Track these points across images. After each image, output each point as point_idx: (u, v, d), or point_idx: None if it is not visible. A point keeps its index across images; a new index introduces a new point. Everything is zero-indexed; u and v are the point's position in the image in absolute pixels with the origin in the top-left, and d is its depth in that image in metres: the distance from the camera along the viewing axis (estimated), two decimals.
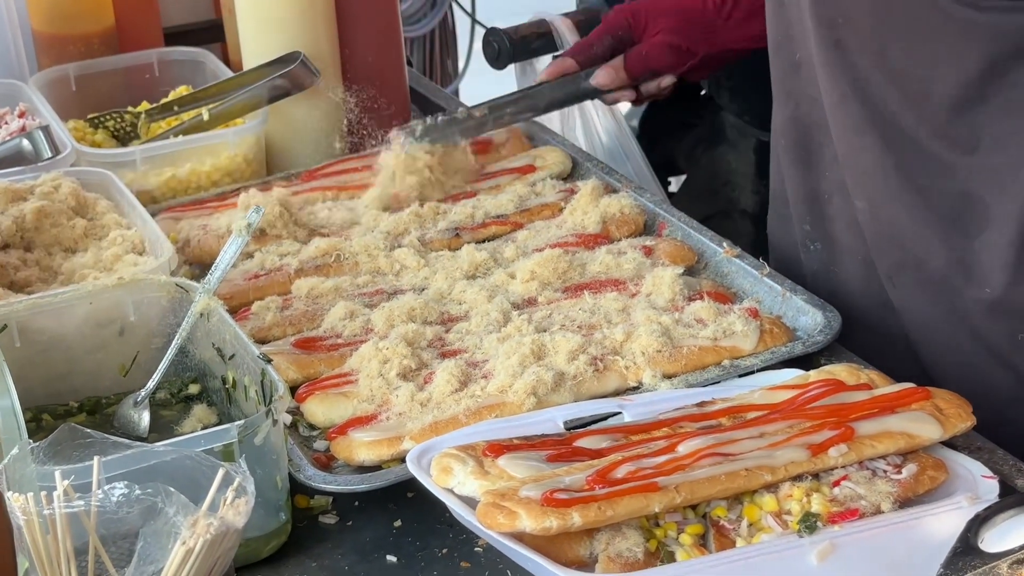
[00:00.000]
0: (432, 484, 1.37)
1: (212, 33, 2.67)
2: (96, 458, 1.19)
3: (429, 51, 4.28)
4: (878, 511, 1.33)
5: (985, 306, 1.69)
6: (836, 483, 1.36)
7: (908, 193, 1.71)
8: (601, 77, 2.17)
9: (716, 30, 2.19)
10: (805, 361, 1.66)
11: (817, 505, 1.32)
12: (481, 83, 3.96)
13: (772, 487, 1.35)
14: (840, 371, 1.55)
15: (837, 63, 1.72)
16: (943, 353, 1.49)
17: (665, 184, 3.16)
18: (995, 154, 1.63)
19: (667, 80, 2.24)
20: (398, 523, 1.49)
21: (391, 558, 1.44)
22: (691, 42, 2.18)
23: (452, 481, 1.37)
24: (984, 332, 1.71)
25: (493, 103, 2.17)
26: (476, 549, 1.44)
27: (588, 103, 2.58)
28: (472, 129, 2.14)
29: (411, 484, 1.45)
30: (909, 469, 1.39)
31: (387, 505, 1.51)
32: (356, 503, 1.52)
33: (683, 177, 3.03)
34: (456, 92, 4.29)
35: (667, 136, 3.02)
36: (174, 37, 2.60)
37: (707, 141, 2.85)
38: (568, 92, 2.22)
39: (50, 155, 2.05)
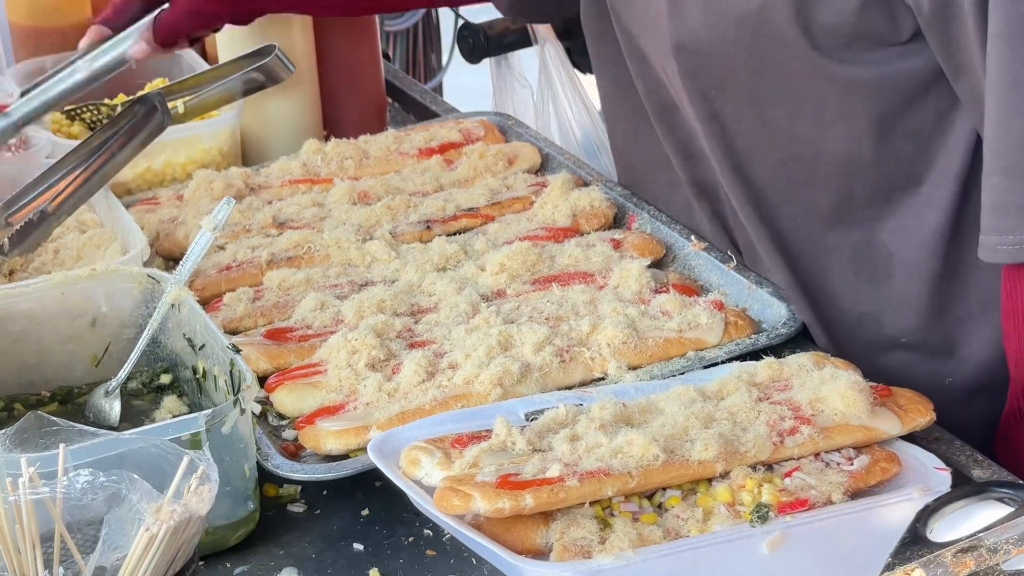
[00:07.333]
0: (392, 471, 1.39)
1: None
2: (62, 445, 1.21)
3: (412, 45, 4.29)
4: (829, 501, 1.35)
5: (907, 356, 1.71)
6: (788, 474, 1.38)
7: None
8: (135, 50, 2.01)
9: None
10: (769, 353, 1.67)
11: (767, 495, 1.34)
12: (464, 77, 3.98)
13: (726, 477, 1.37)
14: (807, 359, 1.57)
15: (719, 136, 1.70)
16: None
17: None
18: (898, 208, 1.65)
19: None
20: (365, 512, 1.51)
21: (358, 546, 1.46)
22: (217, 5, 2.03)
23: (419, 472, 1.39)
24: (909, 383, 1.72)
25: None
26: (443, 539, 1.46)
27: (562, 98, 2.60)
28: (70, 206, 1.86)
29: (379, 473, 1.46)
30: (861, 461, 1.41)
31: (355, 494, 1.52)
32: (324, 492, 1.54)
33: None
34: (439, 86, 4.30)
35: None
36: None
37: None
38: (105, 66, 2.02)
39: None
